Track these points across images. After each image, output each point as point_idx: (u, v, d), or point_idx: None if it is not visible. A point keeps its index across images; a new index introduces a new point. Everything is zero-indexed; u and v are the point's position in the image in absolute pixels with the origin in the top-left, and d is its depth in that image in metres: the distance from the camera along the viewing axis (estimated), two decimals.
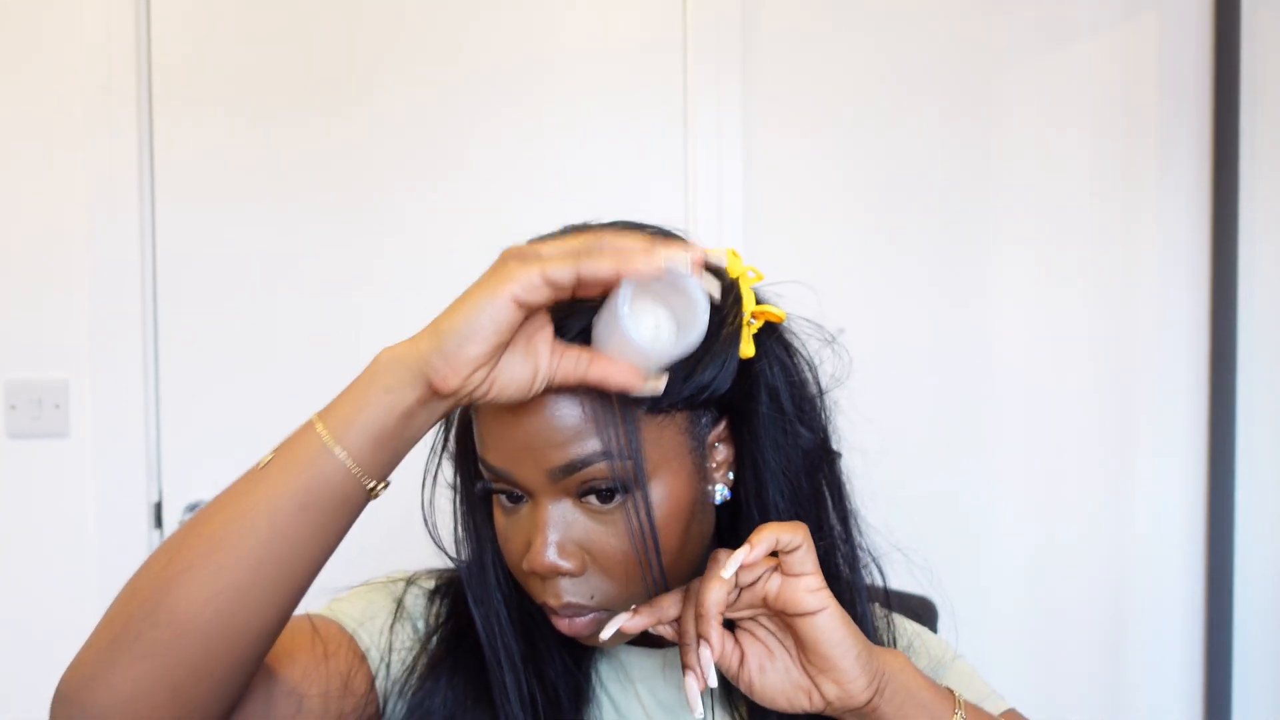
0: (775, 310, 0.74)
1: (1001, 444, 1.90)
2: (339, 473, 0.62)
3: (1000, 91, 1.89)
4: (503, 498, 0.72)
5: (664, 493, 0.70)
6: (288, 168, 1.83)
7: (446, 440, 0.79)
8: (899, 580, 0.85)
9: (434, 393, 0.62)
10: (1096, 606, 1.90)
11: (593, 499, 0.69)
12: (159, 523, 1.82)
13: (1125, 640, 1.90)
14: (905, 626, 0.82)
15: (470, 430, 0.74)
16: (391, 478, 0.66)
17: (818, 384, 0.77)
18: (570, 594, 0.70)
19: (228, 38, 1.83)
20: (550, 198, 1.85)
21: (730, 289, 0.73)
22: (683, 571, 0.74)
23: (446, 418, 0.73)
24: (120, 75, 1.79)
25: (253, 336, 1.82)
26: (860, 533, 0.79)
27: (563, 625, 0.72)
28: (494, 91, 1.85)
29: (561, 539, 0.70)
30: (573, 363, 0.65)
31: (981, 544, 1.89)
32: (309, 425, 0.63)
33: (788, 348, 0.75)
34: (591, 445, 0.68)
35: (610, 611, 0.72)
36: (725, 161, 1.84)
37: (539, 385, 0.64)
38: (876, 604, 0.80)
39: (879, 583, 0.80)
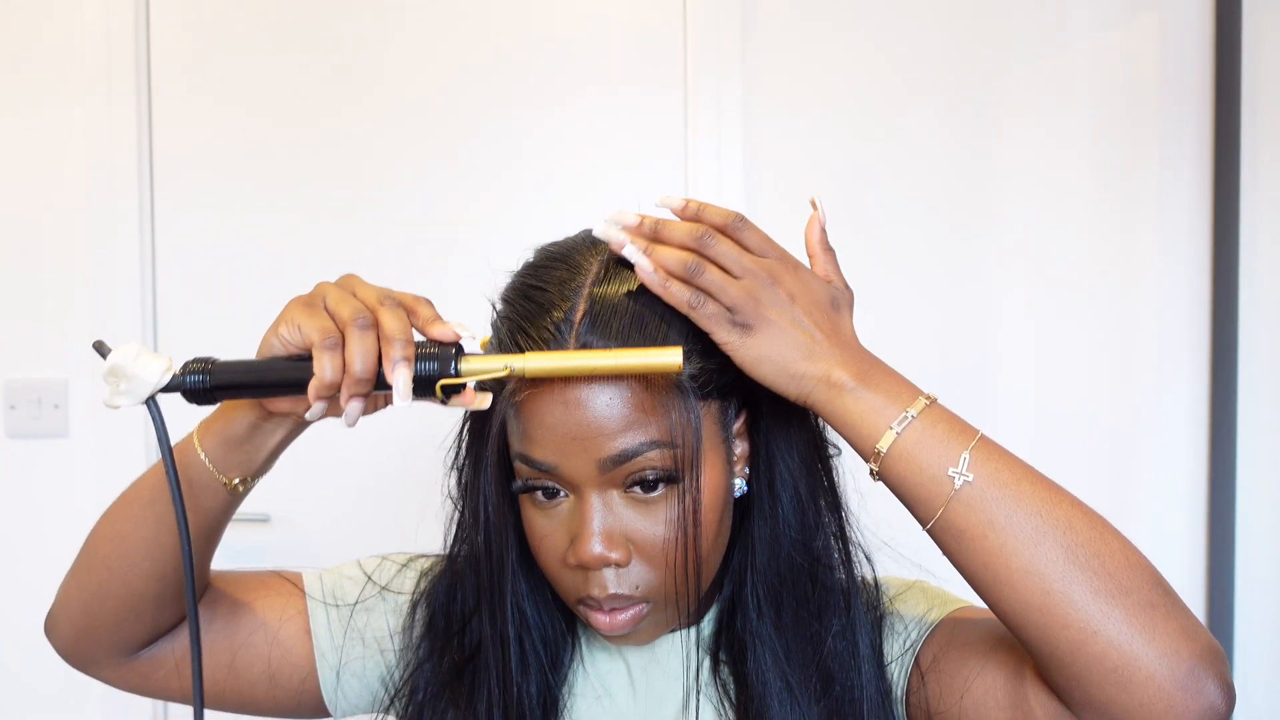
0: None
1: (1001, 442, 1.89)
2: (198, 467, 0.74)
3: (1001, 90, 1.89)
4: (538, 494, 0.73)
5: (704, 481, 0.72)
6: (288, 166, 1.83)
7: (460, 448, 0.79)
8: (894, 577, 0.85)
9: (269, 410, 0.71)
10: None
11: (637, 489, 0.71)
12: None
13: None
14: (885, 606, 0.82)
15: (488, 431, 0.74)
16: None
17: None
18: (615, 585, 0.71)
19: (228, 37, 1.83)
20: (550, 190, 1.85)
21: None
22: (715, 562, 0.76)
23: (488, 423, 0.74)
24: (120, 75, 1.79)
25: (252, 336, 1.81)
26: (852, 528, 0.80)
27: (602, 622, 0.73)
28: (494, 87, 1.85)
29: (608, 529, 0.71)
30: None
31: None
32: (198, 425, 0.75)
33: None
34: (643, 434, 0.69)
35: (651, 603, 0.73)
36: (725, 155, 1.84)
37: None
38: (865, 580, 0.82)
39: (870, 575, 0.81)
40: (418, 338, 0.67)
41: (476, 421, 0.77)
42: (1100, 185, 1.89)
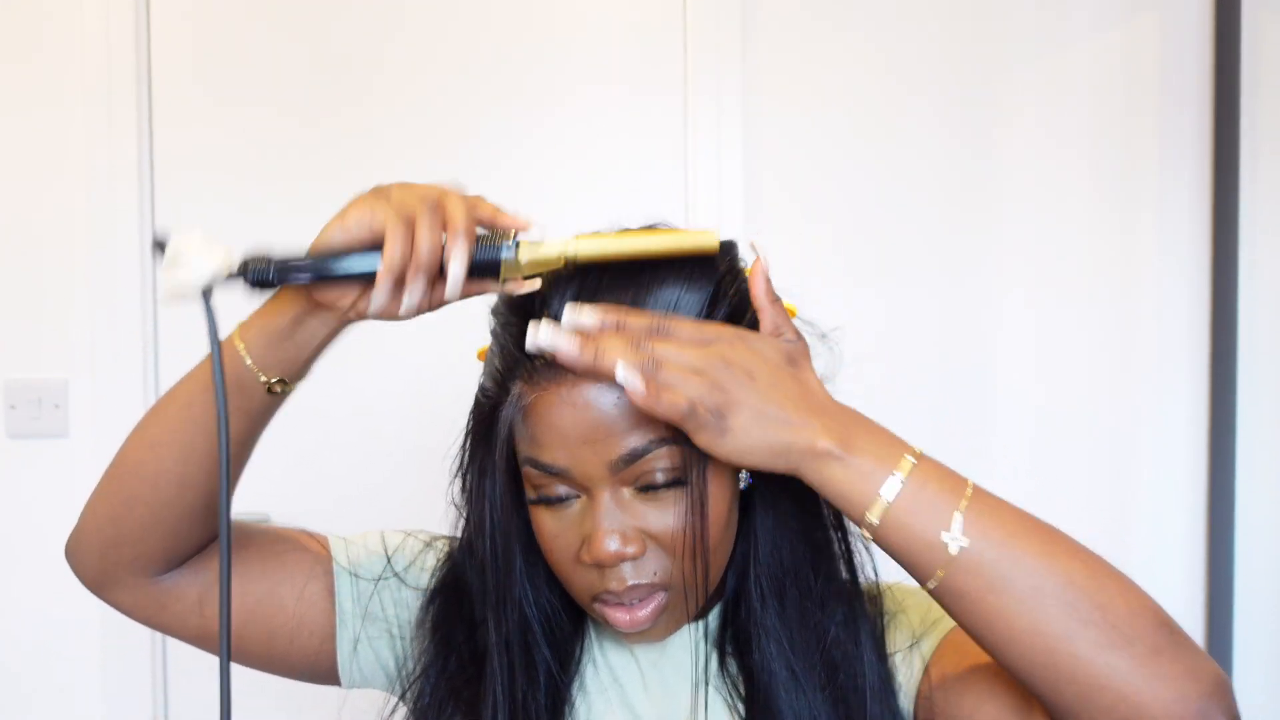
0: (789, 304, 0.76)
1: (1000, 441, 1.90)
2: (238, 364, 0.73)
3: (1001, 90, 1.89)
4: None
5: (711, 474, 0.72)
6: (287, 166, 1.83)
7: (464, 453, 0.79)
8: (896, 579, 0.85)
9: (315, 304, 0.71)
10: None
11: (644, 488, 0.71)
12: None
13: None
14: (889, 605, 0.82)
15: (495, 436, 0.74)
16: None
17: None
18: (633, 576, 0.72)
19: (228, 36, 1.83)
20: (550, 190, 1.85)
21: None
22: (725, 554, 0.77)
23: (492, 428, 0.73)
24: (120, 75, 1.79)
25: None
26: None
27: (622, 619, 0.73)
28: (494, 86, 1.85)
29: (621, 527, 0.71)
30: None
31: None
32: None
33: None
34: (651, 432, 0.69)
35: (669, 591, 0.73)
36: (725, 155, 1.84)
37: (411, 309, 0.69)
38: (867, 579, 0.82)
39: (870, 573, 0.81)
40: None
41: (481, 425, 0.76)
42: (1100, 185, 1.89)
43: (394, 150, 1.84)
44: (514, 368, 0.72)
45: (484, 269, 0.67)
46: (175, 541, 0.79)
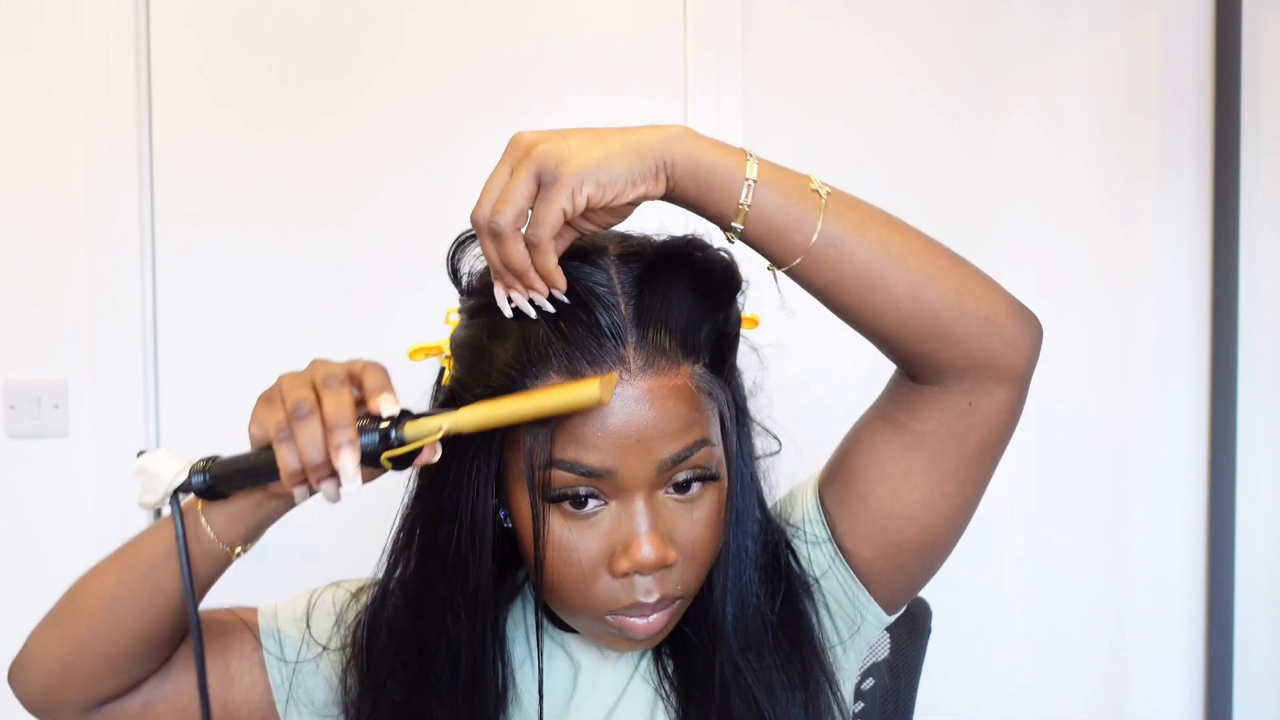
0: (752, 315, 0.78)
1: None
2: (203, 539, 0.73)
3: (1001, 89, 1.89)
4: (566, 504, 0.69)
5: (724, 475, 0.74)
6: (287, 168, 1.83)
7: (450, 453, 0.77)
8: None
9: (269, 492, 0.72)
10: (1096, 611, 1.90)
11: (673, 490, 0.70)
12: None
13: (1125, 644, 1.90)
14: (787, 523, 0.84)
15: (487, 444, 0.72)
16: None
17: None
18: (663, 586, 0.71)
19: (228, 38, 1.83)
20: None
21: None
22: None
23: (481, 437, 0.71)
24: (120, 75, 1.79)
25: (252, 336, 1.82)
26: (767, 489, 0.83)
27: (640, 626, 0.71)
28: (494, 90, 1.85)
29: (661, 532, 0.70)
30: None
31: (980, 546, 1.88)
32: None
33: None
34: (698, 432, 0.69)
35: (683, 599, 0.73)
36: None
37: None
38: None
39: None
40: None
41: (460, 439, 0.71)
42: (1100, 185, 1.89)
43: (393, 147, 1.84)
44: (548, 357, 0.68)
45: (371, 456, 0.65)
46: (124, 683, 0.79)
